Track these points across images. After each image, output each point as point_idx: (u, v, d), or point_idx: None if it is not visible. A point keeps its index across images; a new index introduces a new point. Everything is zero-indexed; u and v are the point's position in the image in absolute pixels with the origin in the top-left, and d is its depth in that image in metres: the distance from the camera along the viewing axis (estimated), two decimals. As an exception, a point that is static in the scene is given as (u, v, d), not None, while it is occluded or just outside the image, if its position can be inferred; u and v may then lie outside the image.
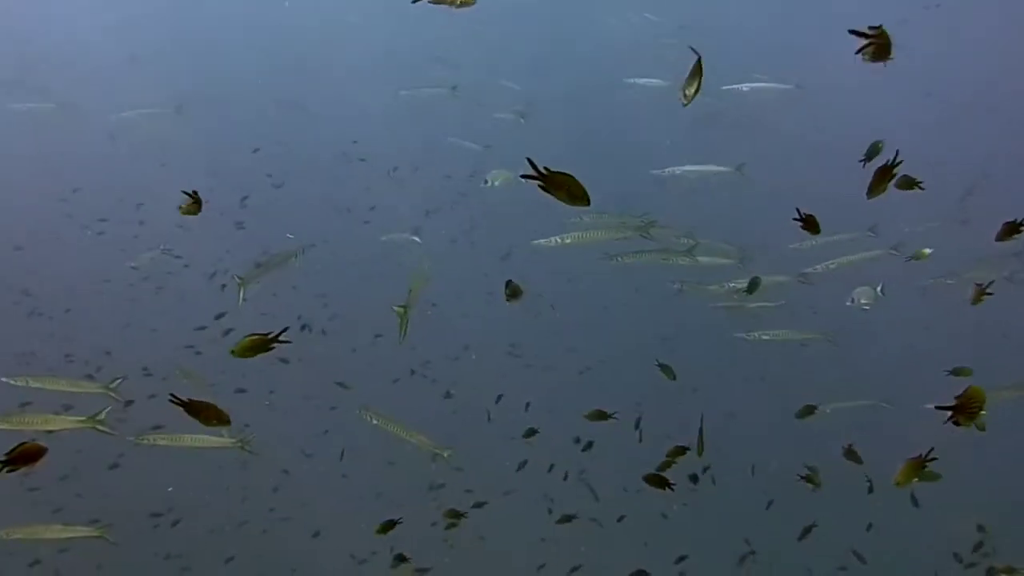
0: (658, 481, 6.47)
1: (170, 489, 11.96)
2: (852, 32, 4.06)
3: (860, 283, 8.03)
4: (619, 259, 7.77)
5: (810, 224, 5.60)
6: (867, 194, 5.05)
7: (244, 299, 7.82)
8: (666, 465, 6.70)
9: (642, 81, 13.23)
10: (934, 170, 5.71)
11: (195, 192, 5.15)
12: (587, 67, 17.91)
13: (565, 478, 11.36)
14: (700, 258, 8.76)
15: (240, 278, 7.86)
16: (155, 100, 15.26)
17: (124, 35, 17.32)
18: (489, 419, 12.02)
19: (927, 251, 8.29)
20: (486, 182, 8.82)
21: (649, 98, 13.93)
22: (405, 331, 6.20)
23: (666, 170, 8.97)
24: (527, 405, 10.42)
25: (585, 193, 3.44)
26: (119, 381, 7.41)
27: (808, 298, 10.05)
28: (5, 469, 4.38)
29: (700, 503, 11.44)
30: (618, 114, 15.94)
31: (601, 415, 7.47)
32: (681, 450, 6.65)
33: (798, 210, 5.55)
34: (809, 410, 8.60)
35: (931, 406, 5.47)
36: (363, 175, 15.22)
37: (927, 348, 13.15)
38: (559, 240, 6.96)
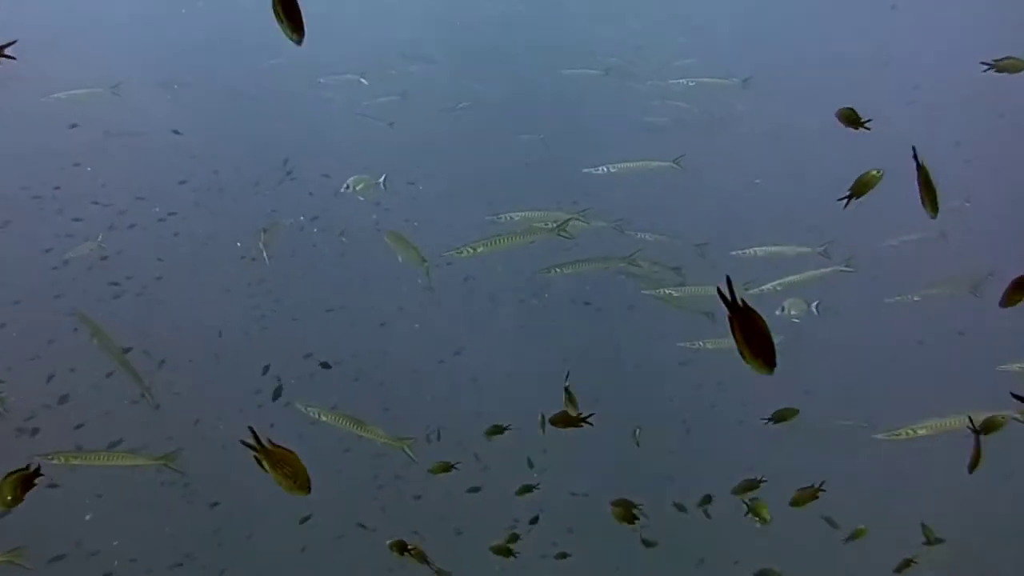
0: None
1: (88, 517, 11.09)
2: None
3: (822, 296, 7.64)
4: (557, 271, 7.34)
5: None
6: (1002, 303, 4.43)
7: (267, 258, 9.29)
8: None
9: (579, 71, 12.87)
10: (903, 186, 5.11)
11: None
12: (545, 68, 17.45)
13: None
14: (641, 262, 8.40)
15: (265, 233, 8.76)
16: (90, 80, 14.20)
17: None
18: (439, 437, 11.34)
19: None
20: (347, 187, 8.38)
21: (597, 99, 13.54)
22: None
23: (600, 168, 8.58)
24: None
25: None
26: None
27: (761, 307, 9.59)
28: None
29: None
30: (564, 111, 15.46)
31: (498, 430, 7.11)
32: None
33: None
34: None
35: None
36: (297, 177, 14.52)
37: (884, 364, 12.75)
38: (471, 249, 6.47)
